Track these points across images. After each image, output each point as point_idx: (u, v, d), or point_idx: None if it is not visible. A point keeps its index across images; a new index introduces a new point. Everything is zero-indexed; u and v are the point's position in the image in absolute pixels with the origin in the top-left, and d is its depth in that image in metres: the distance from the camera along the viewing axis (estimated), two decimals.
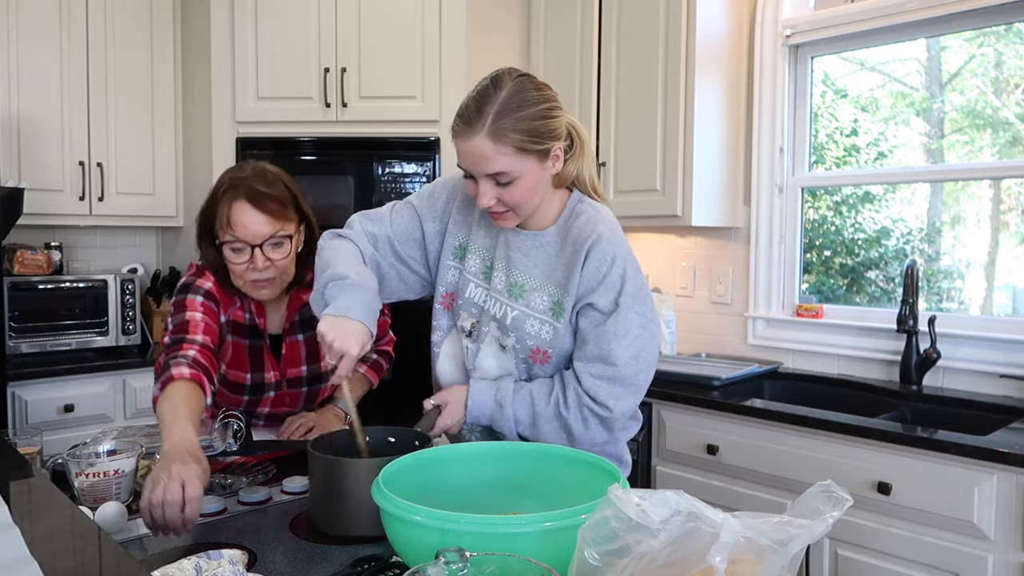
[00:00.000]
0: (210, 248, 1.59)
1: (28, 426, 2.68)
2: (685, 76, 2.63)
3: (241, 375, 1.68)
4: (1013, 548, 1.72)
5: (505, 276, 1.40)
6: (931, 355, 2.34)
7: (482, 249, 1.44)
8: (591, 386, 1.33)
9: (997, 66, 2.48)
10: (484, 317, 1.42)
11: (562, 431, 1.35)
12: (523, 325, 1.38)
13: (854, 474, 1.94)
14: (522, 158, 1.25)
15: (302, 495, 1.39)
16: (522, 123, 1.23)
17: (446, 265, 1.46)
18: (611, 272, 1.32)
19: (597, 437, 1.36)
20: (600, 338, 1.33)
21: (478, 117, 1.23)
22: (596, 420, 1.34)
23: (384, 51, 2.92)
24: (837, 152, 2.88)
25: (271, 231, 1.53)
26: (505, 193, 1.28)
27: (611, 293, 1.33)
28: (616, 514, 0.70)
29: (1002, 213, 2.49)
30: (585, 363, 1.34)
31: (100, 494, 1.28)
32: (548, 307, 1.37)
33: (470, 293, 1.43)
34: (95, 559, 0.91)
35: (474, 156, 1.24)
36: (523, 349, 1.39)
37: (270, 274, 1.55)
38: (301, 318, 1.70)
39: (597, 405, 1.33)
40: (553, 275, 1.38)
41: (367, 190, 2.95)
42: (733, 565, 0.69)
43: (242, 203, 1.51)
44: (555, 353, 1.38)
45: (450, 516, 0.90)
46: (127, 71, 3.18)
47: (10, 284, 2.86)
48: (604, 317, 1.33)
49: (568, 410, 1.33)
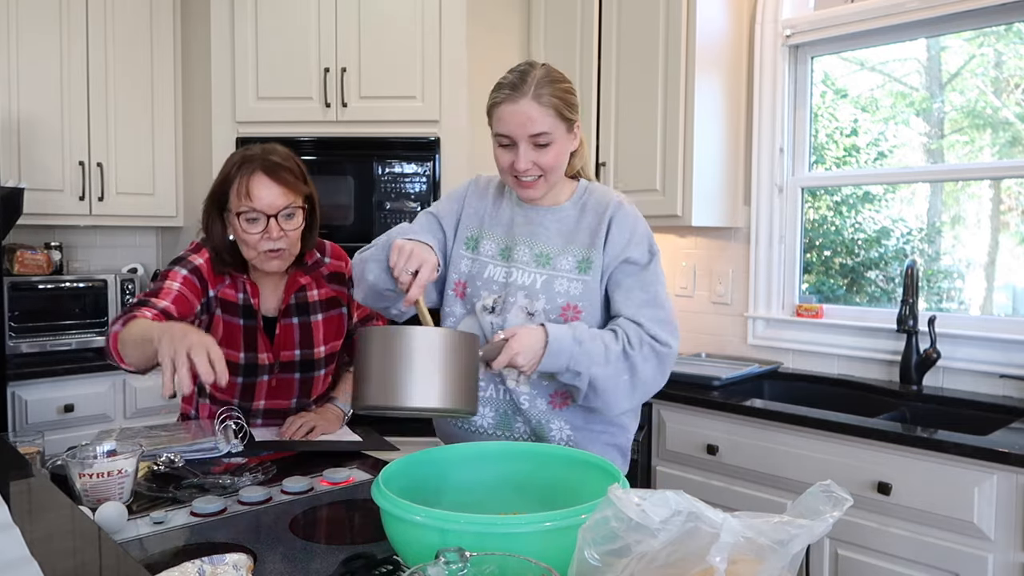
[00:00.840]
0: (217, 223, 1.65)
1: (29, 427, 2.68)
2: (685, 76, 2.63)
3: (234, 354, 1.69)
4: (1013, 548, 1.72)
5: (529, 249, 1.50)
6: (931, 355, 2.34)
7: (497, 235, 1.54)
8: (650, 327, 1.41)
9: (997, 66, 2.48)
10: (509, 289, 1.48)
11: (627, 371, 1.39)
12: (552, 285, 1.46)
13: (854, 474, 1.94)
14: (558, 122, 1.42)
15: (302, 495, 1.39)
16: (558, 92, 1.41)
17: (459, 255, 1.55)
18: (636, 228, 1.47)
19: (656, 377, 1.43)
20: (646, 285, 1.45)
21: (523, 84, 1.40)
22: (656, 359, 1.41)
23: (384, 51, 2.92)
24: (837, 152, 2.88)
25: (285, 202, 1.60)
26: (541, 156, 1.42)
27: (642, 246, 1.46)
28: (616, 514, 0.70)
29: (1002, 213, 2.49)
30: (638, 308, 1.43)
31: (102, 494, 1.28)
32: (574, 266, 1.47)
33: (488, 274, 1.51)
34: (95, 559, 0.91)
35: (521, 118, 1.40)
36: (554, 308, 1.45)
37: (282, 244, 1.62)
38: (297, 302, 1.74)
39: (659, 343, 1.41)
40: (576, 239, 1.49)
41: (367, 190, 2.95)
42: (733, 565, 0.69)
43: (259, 175, 1.59)
44: (585, 307, 1.45)
45: (450, 516, 0.90)
46: (127, 71, 3.18)
47: (10, 284, 2.86)
48: (642, 267, 1.46)
49: (633, 348, 1.39)
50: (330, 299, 1.79)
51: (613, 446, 1.54)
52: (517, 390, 1.47)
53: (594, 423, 1.50)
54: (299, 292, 1.73)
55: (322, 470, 1.52)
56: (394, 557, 1.06)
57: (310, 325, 1.75)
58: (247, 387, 1.75)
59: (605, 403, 1.41)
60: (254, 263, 1.66)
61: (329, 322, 1.79)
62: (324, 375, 1.83)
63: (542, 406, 1.47)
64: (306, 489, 1.41)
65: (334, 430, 1.78)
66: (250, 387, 1.75)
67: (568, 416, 1.48)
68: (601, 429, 1.51)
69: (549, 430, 1.47)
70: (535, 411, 1.47)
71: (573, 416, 1.48)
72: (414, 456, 1.16)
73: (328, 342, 1.79)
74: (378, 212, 2.95)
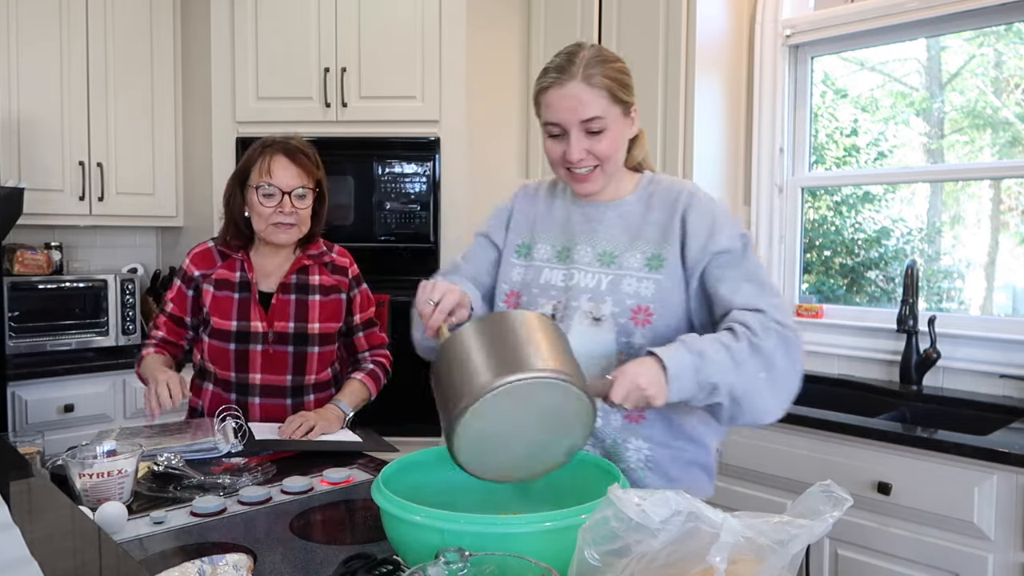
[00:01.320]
0: (238, 196, 1.85)
1: (29, 427, 2.68)
2: (685, 76, 2.63)
3: (227, 323, 1.83)
4: (1013, 548, 1.72)
5: (591, 248, 1.37)
6: (931, 355, 2.34)
7: (552, 236, 1.43)
8: (770, 311, 1.23)
9: (997, 66, 2.48)
10: (571, 293, 1.35)
11: (762, 368, 1.19)
12: (619, 285, 1.32)
13: (854, 474, 1.94)
14: (612, 105, 1.30)
15: (302, 495, 1.39)
16: (611, 72, 1.30)
17: (509, 264, 1.45)
18: (717, 215, 1.32)
19: (790, 370, 1.23)
20: (750, 272, 1.29)
21: (571, 66, 1.28)
22: (785, 347, 1.22)
23: (384, 51, 2.92)
24: (837, 152, 2.88)
25: (300, 183, 1.81)
26: (595, 143, 1.30)
27: (730, 232, 1.31)
28: (616, 514, 0.70)
29: (1002, 213, 2.49)
30: (752, 296, 1.26)
31: (103, 494, 1.29)
32: (643, 263, 1.33)
33: (545, 278, 1.39)
34: (95, 559, 0.91)
35: (571, 102, 1.28)
36: (623, 312, 1.30)
37: (292, 220, 1.81)
38: (297, 281, 1.87)
39: (783, 327, 1.23)
40: (643, 234, 1.35)
41: (367, 190, 2.95)
42: (733, 565, 0.69)
43: (280, 156, 1.81)
44: (658, 310, 1.30)
45: (450, 516, 0.90)
46: (127, 71, 3.18)
47: (10, 284, 2.86)
48: (740, 254, 1.30)
49: (760, 338, 1.19)
50: (330, 286, 1.90)
51: (696, 465, 1.37)
52: None
53: (677, 438, 1.34)
54: (301, 273, 1.88)
55: (322, 470, 1.52)
56: (394, 557, 1.06)
57: (307, 303, 1.86)
58: (240, 356, 1.83)
59: (751, 411, 1.21)
60: (263, 235, 1.83)
61: (326, 304, 1.88)
62: (318, 355, 1.87)
63: (616, 423, 1.32)
64: (306, 489, 1.41)
65: (334, 430, 1.78)
66: (244, 356, 1.83)
67: (647, 432, 1.32)
68: (681, 446, 1.35)
69: (625, 450, 1.32)
70: (608, 429, 1.32)
71: (653, 430, 1.33)
72: (414, 456, 1.16)
73: (323, 321, 1.87)
74: (378, 212, 2.95)
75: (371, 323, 1.99)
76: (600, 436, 1.32)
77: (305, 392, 1.88)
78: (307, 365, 1.86)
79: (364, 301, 1.96)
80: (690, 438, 1.35)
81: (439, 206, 2.95)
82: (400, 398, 2.43)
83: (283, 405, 1.85)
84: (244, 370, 1.83)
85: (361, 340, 1.97)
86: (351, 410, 1.85)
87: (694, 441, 1.36)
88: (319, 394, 1.90)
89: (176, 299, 1.90)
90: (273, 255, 1.88)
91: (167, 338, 1.91)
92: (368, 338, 1.98)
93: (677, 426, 1.34)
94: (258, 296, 1.85)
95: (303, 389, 1.87)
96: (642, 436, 1.32)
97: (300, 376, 1.86)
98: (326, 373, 1.92)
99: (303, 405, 1.87)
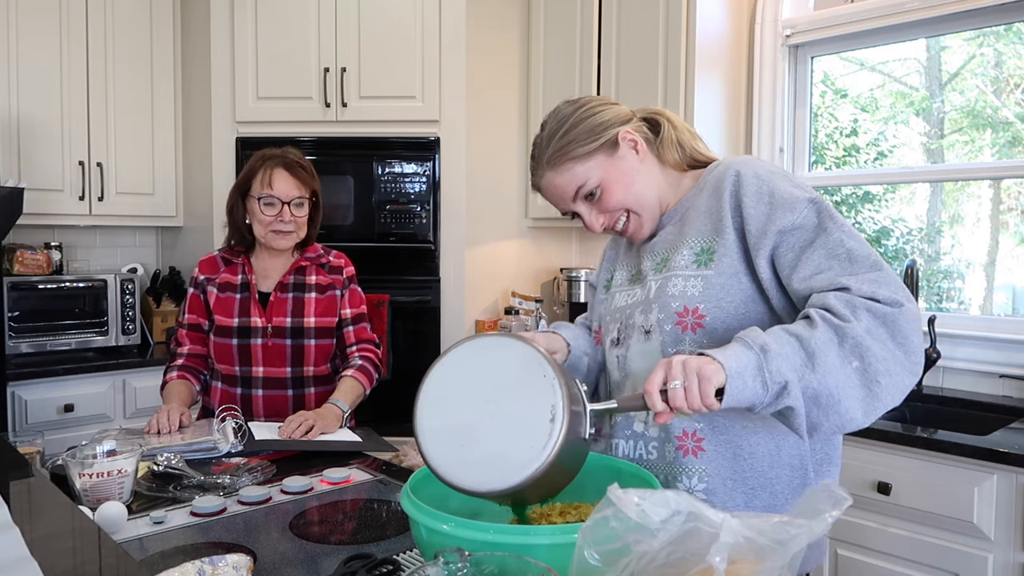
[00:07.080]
0: (239, 206, 1.98)
1: (29, 427, 2.68)
2: (685, 76, 2.63)
3: (229, 320, 1.94)
4: (1013, 548, 1.72)
5: (652, 260, 1.27)
6: (931, 355, 2.33)
7: (629, 262, 1.35)
8: (858, 287, 1.01)
9: (997, 66, 2.48)
10: (629, 311, 1.26)
11: (853, 356, 0.98)
12: (665, 289, 1.18)
13: (854, 474, 1.94)
14: (586, 162, 1.21)
15: (302, 495, 1.39)
16: (565, 138, 1.22)
17: (598, 300, 1.40)
18: (775, 188, 1.13)
19: (894, 355, 1.00)
20: (833, 246, 1.07)
21: (537, 164, 1.26)
22: (885, 328, 0.99)
23: (384, 51, 2.92)
24: (837, 152, 2.88)
25: (298, 193, 1.94)
26: (604, 203, 1.23)
27: (794, 204, 1.11)
28: (616, 514, 0.70)
29: (1002, 213, 2.49)
30: (834, 275, 1.04)
31: (103, 494, 1.29)
32: (691, 260, 1.18)
33: (616, 303, 1.31)
34: (95, 559, 0.91)
35: (553, 194, 1.26)
36: (667, 318, 1.16)
37: (291, 227, 1.94)
38: (295, 282, 1.99)
39: (879, 303, 1.00)
40: (692, 226, 1.21)
41: (367, 190, 2.95)
42: (733, 565, 0.69)
43: (280, 169, 1.94)
44: (710, 310, 1.13)
45: (480, 526, 0.88)
46: (127, 71, 3.18)
47: (10, 284, 2.86)
48: (813, 229, 1.10)
49: (847, 320, 0.98)
50: (326, 284, 2.01)
51: (822, 459, 1.20)
52: (646, 434, 1.19)
53: (744, 471, 1.14)
54: (298, 274, 2.00)
55: (322, 470, 1.52)
56: (394, 557, 1.06)
57: (303, 300, 1.98)
58: (243, 350, 1.93)
59: (838, 412, 1.00)
60: (264, 240, 1.96)
61: (322, 301, 1.99)
62: (315, 347, 1.95)
63: (670, 455, 1.17)
64: (306, 489, 1.41)
65: (333, 429, 1.79)
66: (246, 350, 1.93)
67: (707, 465, 1.14)
68: (751, 489, 1.15)
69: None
70: (662, 463, 1.18)
71: (713, 465, 1.14)
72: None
73: (319, 315, 1.97)
74: (378, 212, 2.95)
75: (360, 319, 2.04)
76: (654, 471, 1.16)
77: (306, 384, 1.96)
78: (304, 357, 1.95)
79: (354, 297, 2.04)
80: (762, 471, 1.14)
81: (439, 206, 2.95)
82: (400, 397, 2.43)
83: (285, 397, 1.94)
84: (247, 363, 1.93)
85: (350, 334, 2.02)
86: (348, 407, 1.87)
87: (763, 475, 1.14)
88: (319, 388, 1.97)
89: (191, 307, 2.01)
90: (273, 259, 2.00)
91: (192, 350, 2.00)
92: (357, 332, 2.03)
93: (746, 463, 1.14)
94: (257, 295, 1.96)
95: (303, 381, 1.96)
96: (701, 469, 1.14)
97: (299, 368, 1.95)
98: (325, 367, 1.99)
99: (304, 397, 1.95)
